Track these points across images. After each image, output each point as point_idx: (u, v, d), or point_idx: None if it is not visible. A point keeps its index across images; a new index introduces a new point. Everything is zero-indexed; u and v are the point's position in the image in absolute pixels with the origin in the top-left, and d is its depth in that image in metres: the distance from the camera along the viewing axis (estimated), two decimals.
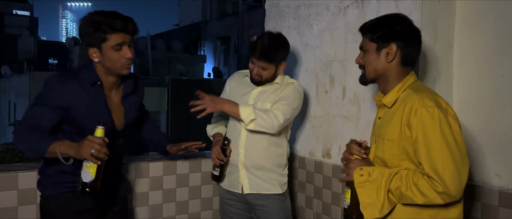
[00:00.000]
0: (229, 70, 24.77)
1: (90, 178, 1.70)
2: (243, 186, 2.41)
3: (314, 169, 2.71)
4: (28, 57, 23.94)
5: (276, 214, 2.40)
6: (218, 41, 26.32)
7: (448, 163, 1.47)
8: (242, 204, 2.46)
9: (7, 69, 18.92)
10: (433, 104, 1.52)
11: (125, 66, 1.90)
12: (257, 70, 2.35)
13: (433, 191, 1.48)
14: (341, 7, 2.49)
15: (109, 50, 1.84)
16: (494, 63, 2.00)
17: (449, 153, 1.48)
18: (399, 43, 1.64)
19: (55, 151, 1.73)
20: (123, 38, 1.84)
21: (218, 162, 2.41)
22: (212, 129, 2.57)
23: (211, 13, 27.62)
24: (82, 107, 1.86)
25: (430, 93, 1.59)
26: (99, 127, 1.70)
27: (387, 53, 1.65)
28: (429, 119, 1.50)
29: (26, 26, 26.03)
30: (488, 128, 2.03)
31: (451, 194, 1.47)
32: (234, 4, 27.10)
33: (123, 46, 1.86)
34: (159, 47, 24.89)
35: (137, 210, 2.54)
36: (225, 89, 2.58)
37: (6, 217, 2.16)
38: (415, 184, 1.50)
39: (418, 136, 1.52)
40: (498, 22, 1.99)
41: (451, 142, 1.49)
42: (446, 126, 1.50)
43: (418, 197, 1.50)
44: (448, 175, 1.46)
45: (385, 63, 1.66)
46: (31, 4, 29.25)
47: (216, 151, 2.40)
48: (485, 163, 2.03)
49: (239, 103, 2.35)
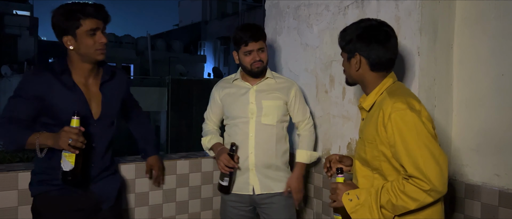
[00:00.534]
0: (229, 70, 24.75)
1: (70, 167, 1.79)
2: (254, 187, 2.40)
3: (314, 169, 2.72)
4: (28, 57, 23.92)
5: (282, 211, 2.41)
6: (218, 41, 26.30)
7: (429, 160, 1.49)
8: (247, 206, 2.45)
9: (7, 69, 18.92)
10: (405, 106, 1.54)
11: (100, 51, 1.94)
12: (256, 55, 2.34)
13: (421, 192, 1.50)
14: (341, 7, 2.49)
15: (84, 36, 1.89)
16: (494, 63, 2.00)
17: (427, 150, 1.50)
18: (361, 51, 1.67)
19: (34, 143, 1.81)
20: (96, 24, 1.90)
21: (227, 171, 2.31)
22: (208, 141, 2.50)
23: (211, 13, 27.62)
24: (56, 96, 1.91)
25: (403, 96, 1.60)
26: (74, 117, 1.77)
27: (355, 62, 1.70)
28: (402, 122, 1.53)
29: (26, 26, 26.01)
30: (488, 128, 2.03)
31: (438, 190, 1.49)
32: (234, 4, 27.09)
33: (97, 31, 1.91)
34: (159, 47, 24.90)
35: (137, 210, 2.54)
36: (214, 99, 2.52)
37: (6, 217, 2.16)
38: (403, 192, 1.52)
39: (396, 140, 1.54)
40: (498, 22, 1.99)
41: (427, 141, 1.51)
42: (421, 126, 1.52)
43: (409, 203, 1.52)
44: (431, 171, 1.48)
45: (355, 71, 1.71)
46: (31, 4, 29.23)
47: (224, 159, 2.29)
48: (485, 163, 2.03)
49: (239, 105, 2.38)
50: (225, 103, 2.47)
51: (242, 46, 2.34)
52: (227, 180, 2.34)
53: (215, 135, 2.52)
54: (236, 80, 2.47)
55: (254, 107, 2.39)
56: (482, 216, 1.99)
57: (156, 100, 14.73)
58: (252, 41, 2.32)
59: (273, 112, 2.39)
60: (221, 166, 2.31)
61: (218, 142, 2.48)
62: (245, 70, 2.40)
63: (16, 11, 27.87)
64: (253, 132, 2.38)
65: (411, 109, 1.54)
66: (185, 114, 14.56)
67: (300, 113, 2.49)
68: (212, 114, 2.55)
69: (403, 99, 1.57)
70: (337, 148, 2.56)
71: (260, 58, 2.35)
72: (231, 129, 2.46)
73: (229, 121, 2.47)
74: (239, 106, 2.41)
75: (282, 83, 2.46)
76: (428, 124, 1.56)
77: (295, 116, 2.50)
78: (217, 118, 2.56)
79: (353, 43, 1.69)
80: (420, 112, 1.56)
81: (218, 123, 2.58)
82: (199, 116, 14.53)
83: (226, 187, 2.36)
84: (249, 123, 2.39)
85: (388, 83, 1.68)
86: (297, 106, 2.47)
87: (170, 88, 14.44)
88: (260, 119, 2.37)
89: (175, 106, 14.35)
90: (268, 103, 2.39)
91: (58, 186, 1.94)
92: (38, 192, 1.99)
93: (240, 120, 2.39)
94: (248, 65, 2.36)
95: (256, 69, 2.36)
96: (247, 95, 2.41)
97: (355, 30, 1.70)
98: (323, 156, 2.65)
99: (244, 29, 2.35)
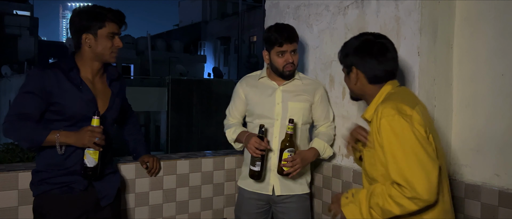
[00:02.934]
0: (229, 70, 24.78)
1: (94, 163, 1.91)
2: (275, 188, 2.39)
3: (314, 169, 2.72)
4: (29, 57, 23.94)
5: (299, 212, 2.42)
6: (218, 41, 26.32)
7: (414, 167, 1.47)
8: (264, 203, 2.45)
9: (7, 69, 18.95)
10: (394, 112, 1.53)
11: (114, 54, 2.05)
12: (289, 56, 2.31)
13: (404, 198, 1.49)
14: (341, 7, 2.49)
15: (104, 37, 1.99)
16: (494, 63, 2.00)
17: (414, 157, 1.48)
18: (357, 65, 1.70)
19: (54, 140, 1.87)
20: (117, 29, 2.03)
21: (259, 154, 2.22)
22: (233, 131, 2.46)
23: (211, 13, 27.63)
24: (64, 93, 1.94)
25: (394, 101, 1.58)
26: (95, 117, 1.88)
27: (353, 76, 1.72)
28: (390, 128, 1.52)
29: (26, 26, 26.03)
30: (488, 128, 2.03)
31: (423, 198, 1.47)
32: (234, 4, 27.10)
33: (116, 35, 2.03)
34: (159, 47, 24.91)
35: (137, 210, 2.54)
36: (238, 95, 2.49)
37: (6, 217, 2.16)
38: (390, 196, 1.52)
39: (384, 145, 1.55)
40: (498, 22, 1.99)
41: (415, 147, 1.49)
42: (409, 132, 1.50)
43: (394, 208, 1.52)
44: (416, 178, 1.46)
45: (354, 85, 1.74)
46: (31, 4, 29.23)
47: (255, 142, 2.21)
48: (485, 163, 2.03)
49: (265, 105, 2.37)
50: (250, 100, 2.45)
51: (276, 47, 2.30)
52: (259, 164, 2.24)
53: (239, 126, 2.49)
54: (262, 78, 2.45)
55: (280, 109, 2.37)
56: (482, 216, 1.99)
57: (156, 100, 14.74)
58: (287, 42, 2.29)
59: (298, 113, 2.38)
60: (252, 150, 2.23)
61: (243, 130, 2.44)
62: (276, 71, 2.36)
63: (16, 11, 27.88)
64: (277, 134, 2.36)
65: (400, 114, 1.52)
66: (185, 114, 14.57)
67: (323, 115, 2.47)
68: (235, 110, 2.51)
69: (393, 105, 1.56)
70: (337, 148, 2.56)
71: (293, 60, 2.32)
72: (255, 129, 2.39)
73: (253, 119, 2.45)
74: (265, 106, 2.39)
75: (308, 84, 2.44)
76: (420, 129, 1.53)
77: (318, 118, 2.47)
78: (241, 114, 2.52)
79: (349, 57, 1.72)
80: (411, 117, 1.54)
81: (241, 120, 2.55)
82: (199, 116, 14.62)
83: (258, 172, 2.26)
84: (274, 125, 2.37)
85: (387, 90, 1.68)
86: (322, 108, 2.46)
87: (170, 88, 14.46)
88: (285, 121, 2.32)
89: (175, 106, 14.37)
90: (294, 105, 2.37)
91: (59, 184, 1.97)
92: (40, 192, 2.00)
93: (265, 121, 2.37)
94: (280, 66, 2.33)
95: (287, 72, 2.34)
96: (274, 96, 2.39)
97: (352, 44, 1.73)
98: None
99: (280, 30, 2.30)
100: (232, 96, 2.54)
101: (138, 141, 2.46)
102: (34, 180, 2.03)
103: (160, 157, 2.66)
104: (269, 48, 2.34)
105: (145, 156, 2.46)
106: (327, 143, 2.44)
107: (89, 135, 1.85)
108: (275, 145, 2.35)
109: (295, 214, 2.41)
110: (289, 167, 2.23)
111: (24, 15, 27.55)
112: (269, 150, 2.33)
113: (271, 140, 2.37)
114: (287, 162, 2.22)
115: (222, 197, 2.83)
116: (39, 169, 2.02)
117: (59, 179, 1.97)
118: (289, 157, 2.22)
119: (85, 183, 2.01)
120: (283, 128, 2.32)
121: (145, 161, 2.47)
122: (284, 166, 2.23)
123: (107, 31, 1.98)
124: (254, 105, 2.42)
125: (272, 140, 2.37)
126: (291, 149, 2.22)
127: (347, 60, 1.74)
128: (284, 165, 2.23)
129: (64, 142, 1.89)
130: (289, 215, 2.41)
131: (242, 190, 2.50)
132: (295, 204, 2.41)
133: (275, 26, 2.34)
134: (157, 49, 24.56)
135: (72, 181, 1.98)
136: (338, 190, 2.55)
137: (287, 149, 2.22)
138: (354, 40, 1.74)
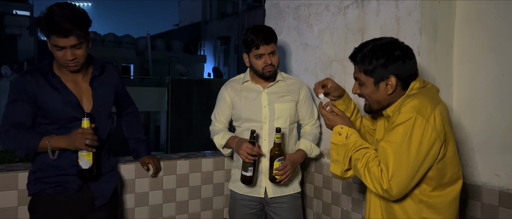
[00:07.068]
0: (229, 70, 24.76)
1: (89, 165, 1.91)
2: (267, 190, 2.40)
3: (314, 169, 2.72)
4: (28, 57, 23.92)
5: (292, 211, 2.43)
6: (218, 41, 26.30)
7: (401, 167, 1.48)
8: (257, 204, 2.46)
9: (7, 69, 18.93)
10: (413, 109, 1.50)
11: (67, 64, 1.91)
12: (267, 58, 2.30)
13: (378, 185, 1.51)
14: (341, 7, 2.49)
15: (53, 48, 1.89)
16: (494, 63, 2.00)
17: (406, 158, 1.48)
18: (397, 73, 1.59)
19: (45, 146, 1.88)
20: (60, 42, 1.83)
21: (251, 159, 2.21)
22: (221, 137, 2.42)
23: (211, 13, 27.60)
24: (46, 96, 1.94)
25: (418, 99, 1.53)
26: (85, 118, 1.87)
27: (386, 84, 1.60)
28: (403, 118, 1.50)
29: (26, 26, 26.00)
30: (488, 128, 2.03)
31: (391, 194, 1.51)
32: (234, 4, 27.08)
33: (63, 49, 1.86)
34: (159, 47, 24.91)
35: (137, 210, 2.54)
36: (224, 100, 2.46)
37: (6, 217, 2.16)
38: (369, 169, 1.54)
39: (393, 131, 1.52)
40: (498, 22, 1.98)
41: (413, 149, 1.48)
42: (417, 133, 1.48)
43: (367, 180, 1.55)
44: (399, 179, 1.49)
45: (386, 95, 1.63)
46: (31, 4, 29.21)
47: (247, 148, 2.19)
48: (485, 163, 2.03)
49: (252, 109, 2.37)
50: (235, 105, 2.44)
51: (253, 49, 2.29)
52: (252, 170, 2.24)
53: (226, 132, 2.46)
54: (247, 82, 2.44)
55: (267, 111, 2.38)
56: (482, 216, 1.99)
57: (156, 100, 14.74)
58: (264, 44, 2.26)
59: (285, 114, 2.39)
60: (245, 156, 2.21)
61: (232, 135, 2.42)
62: (257, 73, 2.36)
63: (16, 11, 27.85)
64: (267, 136, 2.37)
65: (418, 112, 1.49)
66: (185, 114, 14.57)
67: (308, 113, 2.49)
68: (221, 115, 2.49)
69: (416, 103, 1.51)
70: None
71: (272, 61, 2.31)
72: (243, 133, 2.41)
73: (240, 123, 2.44)
74: (252, 110, 2.39)
75: (292, 84, 2.45)
76: (432, 134, 1.48)
77: (303, 116, 2.49)
78: (227, 119, 2.50)
79: (387, 67, 1.58)
80: (429, 119, 1.49)
81: (227, 124, 2.53)
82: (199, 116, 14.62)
83: (250, 177, 2.26)
84: (262, 128, 2.37)
85: (416, 86, 1.61)
86: (307, 106, 2.47)
87: (170, 88, 14.45)
88: (273, 123, 2.35)
89: (175, 106, 14.36)
90: (280, 106, 2.38)
91: (53, 184, 1.98)
92: (34, 191, 2.00)
93: (253, 124, 2.37)
94: (260, 69, 2.32)
95: (267, 74, 2.33)
96: (259, 99, 2.39)
97: (380, 54, 1.58)
98: (323, 156, 2.65)
99: (256, 32, 2.27)
100: (217, 101, 2.52)
101: (138, 140, 2.44)
102: (30, 180, 2.03)
103: (160, 157, 2.66)
104: (248, 51, 2.34)
105: (146, 157, 2.46)
106: (313, 143, 2.46)
107: (80, 138, 1.84)
108: (266, 148, 2.37)
109: (287, 214, 2.42)
110: (281, 175, 2.26)
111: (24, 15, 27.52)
112: (260, 154, 2.34)
113: (261, 143, 2.37)
114: (278, 171, 2.25)
115: (222, 197, 2.83)
116: (34, 169, 2.02)
117: (54, 179, 1.98)
118: (280, 165, 2.25)
119: (79, 183, 2.00)
120: (272, 130, 2.34)
121: (146, 162, 2.46)
122: (276, 174, 2.26)
123: (52, 43, 1.86)
124: (241, 109, 2.41)
125: (262, 143, 2.37)
126: (281, 158, 2.24)
127: (382, 72, 1.59)
128: (276, 174, 2.26)
129: (56, 147, 1.90)
130: (282, 215, 2.42)
131: (234, 192, 2.50)
132: (287, 204, 2.42)
133: (252, 28, 2.32)
134: (157, 49, 24.55)
135: (66, 181, 1.98)
136: (338, 190, 2.55)
137: (278, 158, 2.23)
138: (377, 51, 1.59)
